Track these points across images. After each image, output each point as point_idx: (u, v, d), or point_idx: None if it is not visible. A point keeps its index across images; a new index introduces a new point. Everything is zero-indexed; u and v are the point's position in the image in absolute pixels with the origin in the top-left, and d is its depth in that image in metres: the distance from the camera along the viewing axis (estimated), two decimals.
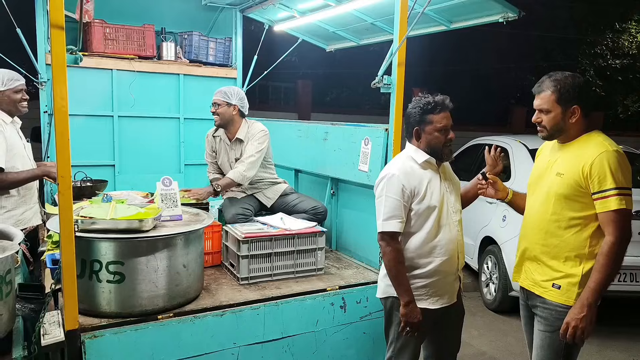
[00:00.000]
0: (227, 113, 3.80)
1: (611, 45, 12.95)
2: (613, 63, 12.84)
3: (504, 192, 2.66)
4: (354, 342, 3.06)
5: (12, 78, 3.44)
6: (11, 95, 3.44)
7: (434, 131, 2.49)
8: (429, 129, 2.50)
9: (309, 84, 12.30)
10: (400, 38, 3.07)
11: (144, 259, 2.53)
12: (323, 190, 3.99)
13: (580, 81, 2.28)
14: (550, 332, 2.29)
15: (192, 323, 2.63)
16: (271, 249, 3.13)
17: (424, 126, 2.51)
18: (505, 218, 4.63)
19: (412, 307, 2.45)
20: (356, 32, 4.88)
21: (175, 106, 5.24)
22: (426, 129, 2.51)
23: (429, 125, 2.50)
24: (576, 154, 2.26)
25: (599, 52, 13.05)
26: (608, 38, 12.92)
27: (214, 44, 5.39)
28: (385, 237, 2.47)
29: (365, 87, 15.21)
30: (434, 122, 2.49)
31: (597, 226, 2.22)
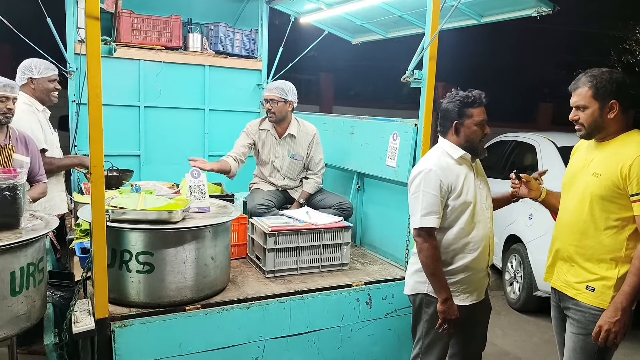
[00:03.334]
0: (283, 110, 3.80)
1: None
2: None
3: (537, 191, 2.61)
4: (379, 339, 3.05)
5: (48, 67, 3.48)
6: (45, 84, 3.49)
7: (472, 125, 2.49)
8: (468, 123, 2.49)
9: (331, 77, 12.26)
10: (433, 32, 3.02)
11: (172, 250, 2.55)
12: (348, 184, 3.97)
13: (618, 76, 2.23)
14: (584, 335, 2.25)
15: (219, 315, 2.65)
16: (297, 242, 3.13)
17: (463, 120, 2.50)
18: (531, 217, 4.57)
19: (450, 303, 2.44)
20: (383, 25, 4.82)
21: (201, 97, 5.25)
22: (465, 123, 2.50)
23: (469, 119, 2.49)
24: (614, 153, 2.21)
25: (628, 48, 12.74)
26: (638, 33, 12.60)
27: (239, 35, 5.38)
28: (422, 233, 2.44)
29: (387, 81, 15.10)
30: (474, 116, 2.48)
31: (635, 229, 2.16)
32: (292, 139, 3.87)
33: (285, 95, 3.77)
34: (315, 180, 3.87)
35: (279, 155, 3.88)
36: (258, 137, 3.90)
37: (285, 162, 3.88)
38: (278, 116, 3.78)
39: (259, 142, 3.91)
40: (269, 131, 3.89)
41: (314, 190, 3.86)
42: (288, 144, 3.87)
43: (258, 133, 3.90)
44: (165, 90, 5.03)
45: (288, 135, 3.86)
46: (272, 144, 3.88)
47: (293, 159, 3.87)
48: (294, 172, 3.91)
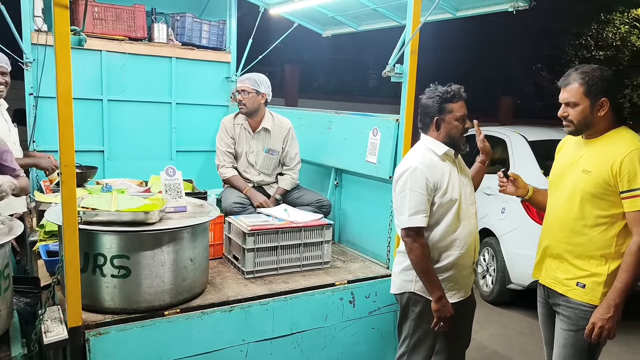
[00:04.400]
0: (255, 101, 3.69)
1: (596, 37, 13.04)
2: (597, 54, 12.95)
3: (524, 189, 2.61)
4: (362, 338, 3.00)
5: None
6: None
7: (453, 120, 2.46)
8: (448, 118, 2.47)
9: (297, 70, 12.13)
10: (414, 26, 2.98)
11: (150, 253, 2.42)
12: (326, 180, 3.90)
13: (608, 74, 2.23)
14: (574, 332, 2.26)
15: (200, 319, 2.54)
16: (277, 241, 3.04)
17: (444, 116, 2.47)
18: (504, 210, 4.62)
19: (444, 301, 2.42)
20: (356, 17, 4.75)
21: (167, 90, 5.05)
22: (446, 119, 2.47)
23: (449, 114, 2.46)
24: (604, 150, 2.21)
25: (584, 43, 13.14)
26: (593, 29, 13.01)
27: (207, 26, 5.21)
28: (411, 233, 2.40)
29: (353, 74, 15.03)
30: (454, 111, 2.46)
31: (624, 225, 2.18)
32: (266, 133, 3.76)
33: (258, 86, 3.67)
34: (291, 176, 3.78)
35: (254, 150, 3.77)
36: (233, 131, 3.78)
37: (260, 157, 3.77)
38: (249, 108, 3.67)
39: (235, 137, 3.79)
40: (242, 125, 3.77)
41: (290, 186, 3.77)
42: (262, 139, 3.77)
43: (233, 128, 3.78)
44: (130, 82, 4.81)
45: (262, 130, 3.75)
46: (246, 139, 3.77)
47: (268, 154, 3.77)
48: (269, 168, 3.81)
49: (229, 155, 3.78)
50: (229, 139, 3.77)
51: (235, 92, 3.80)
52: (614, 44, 13.07)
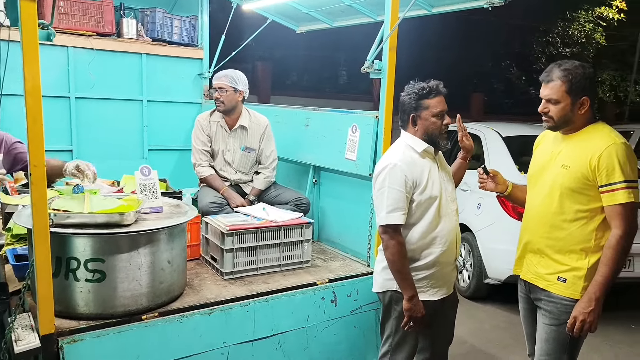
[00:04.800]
0: (233, 99, 3.61)
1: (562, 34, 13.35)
2: (563, 51, 13.26)
3: (503, 185, 2.62)
4: (345, 337, 2.97)
5: None
6: None
7: (430, 116, 2.43)
8: (425, 115, 2.44)
9: (269, 67, 12.04)
10: (393, 22, 2.96)
11: (126, 256, 2.34)
12: (304, 178, 3.86)
13: (590, 72, 2.24)
14: (556, 326, 2.27)
15: (179, 322, 2.47)
16: (257, 241, 2.98)
17: (420, 112, 2.45)
18: (480, 206, 4.66)
19: (415, 301, 2.39)
20: (330, 13, 4.72)
21: (138, 88, 4.91)
22: (422, 115, 2.44)
23: (425, 111, 2.43)
24: (582, 145, 2.23)
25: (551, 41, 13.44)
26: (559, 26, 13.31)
27: (178, 22, 5.09)
28: (388, 230, 2.38)
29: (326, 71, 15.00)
30: (430, 107, 2.43)
31: (603, 219, 2.20)
32: (243, 131, 3.69)
33: (235, 83, 3.60)
34: (266, 175, 3.71)
35: (230, 148, 3.69)
36: (209, 129, 3.69)
37: (236, 155, 3.70)
38: (227, 105, 3.60)
39: (211, 134, 3.70)
40: (218, 123, 3.69)
41: (265, 186, 3.71)
42: (239, 136, 3.70)
43: (209, 126, 3.69)
44: (99, 80, 4.66)
45: (239, 127, 3.68)
46: (223, 137, 3.69)
47: (245, 152, 3.70)
48: (246, 166, 3.74)
49: (205, 154, 3.69)
50: (205, 137, 3.69)
51: (212, 89, 3.71)
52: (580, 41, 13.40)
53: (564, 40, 13.50)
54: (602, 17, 13.28)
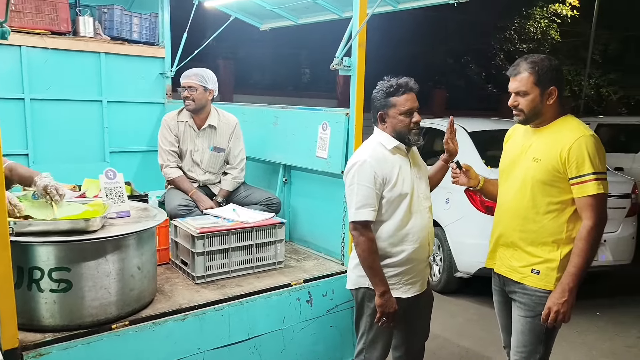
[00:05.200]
0: (203, 99, 3.52)
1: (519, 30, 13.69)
2: (520, 47, 13.60)
3: (475, 179, 2.63)
4: (321, 337, 2.94)
5: None
6: None
7: (397, 114, 2.41)
8: (392, 113, 2.42)
9: (231, 65, 11.88)
10: (361, 18, 2.95)
11: (93, 263, 2.24)
12: (274, 178, 3.80)
13: (555, 63, 2.28)
14: (532, 317, 2.30)
15: (151, 330, 2.38)
16: (228, 243, 2.91)
17: (387, 110, 2.43)
18: (448, 201, 4.70)
19: (387, 297, 2.38)
20: (295, 10, 4.67)
21: (97, 88, 4.72)
22: (390, 113, 2.43)
23: (393, 109, 2.42)
24: (552, 138, 2.26)
25: (508, 37, 13.77)
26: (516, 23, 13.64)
27: (138, 19, 4.92)
28: (358, 226, 2.36)
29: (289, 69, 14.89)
30: (398, 105, 2.41)
31: (574, 210, 2.23)
32: (212, 130, 3.60)
33: (205, 82, 3.51)
34: (234, 176, 3.63)
35: (199, 148, 3.60)
36: (177, 129, 3.59)
37: (205, 155, 3.61)
38: (197, 105, 3.50)
39: (179, 134, 3.60)
40: (186, 122, 3.59)
41: (233, 187, 3.63)
42: (208, 136, 3.60)
43: (177, 125, 3.58)
44: (55, 80, 4.46)
45: (208, 127, 3.59)
46: (191, 136, 3.59)
47: (214, 152, 3.61)
48: (215, 166, 3.65)
49: (173, 155, 3.59)
50: (172, 137, 3.58)
51: (179, 88, 3.60)
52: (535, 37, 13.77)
53: (520, 36, 13.85)
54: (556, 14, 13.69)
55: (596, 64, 14.62)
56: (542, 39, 13.63)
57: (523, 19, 13.57)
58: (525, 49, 13.52)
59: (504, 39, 13.81)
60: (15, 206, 2.28)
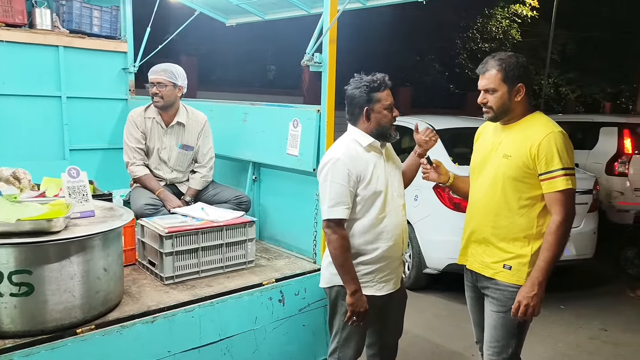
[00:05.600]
0: (172, 95, 3.42)
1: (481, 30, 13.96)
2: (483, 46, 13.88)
3: (446, 175, 2.64)
4: (294, 337, 2.91)
5: None
6: None
7: (382, 109, 2.42)
8: (378, 108, 2.42)
9: (194, 61, 11.68)
10: (332, 14, 2.92)
11: (57, 266, 2.14)
12: (243, 175, 3.73)
13: (523, 60, 2.31)
14: (504, 312, 2.32)
15: (118, 334, 2.30)
16: (198, 243, 2.84)
17: (373, 105, 2.42)
18: (417, 198, 4.73)
19: (358, 295, 2.37)
20: (262, 6, 4.59)
21: (56, 83, 4.54)
22: (375, 108, 2.42)
23: (378, 104, 2.41)
24: (522, 135, 2.29)
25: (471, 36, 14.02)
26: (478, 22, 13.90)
27: (98, 12, 4.75)
28: (331, 224, 2.34)
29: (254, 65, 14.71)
30: (382, 100, 2.41)
31: (543, 206, 2.27)
32: (181, 128, 3.51)
33: (175, 79, 3.41)
34: (202, 174, 3.55)
35: (166, 145, 3.49)
36: (144, 126, 3.47)
37: (173, 153, 3.51)
38: (166, 101, 3.40)
39: (145, 131, 3.49)
40: (154, 119, 3.48)
41: (202, 185, 3.54)
42: (176, 133, 3.51)
43: (144, 122, 3.47)
44: (10, 74, 4.27)
45: (176, 124, 3.49)
46: (159, 134, 3.49)
47: (183, 150, 3.52)
48: (183, 165, 3.56)
49: (139, 152, 3.47)
50: (138, 134, 3.46)
51: (147, 84, 3.48)
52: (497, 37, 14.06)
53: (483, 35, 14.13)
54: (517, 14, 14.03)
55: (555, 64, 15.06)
56: (504, 39, 13.96)
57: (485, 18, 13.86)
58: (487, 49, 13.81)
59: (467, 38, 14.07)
60: None
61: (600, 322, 4.42)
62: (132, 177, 3.49)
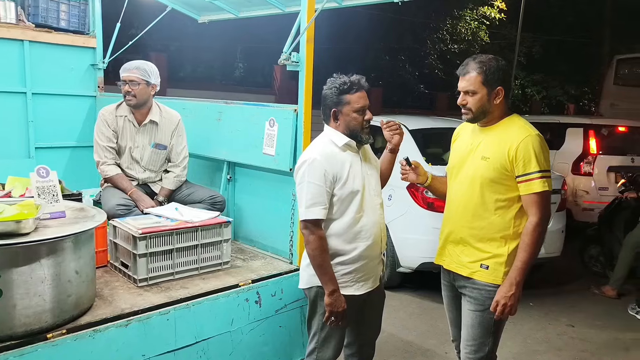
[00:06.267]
0: (145, 93, 3.34)
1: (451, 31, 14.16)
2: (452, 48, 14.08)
3: (424, 176, 2.66)
4: (270, 338, 2.88)
5: None
6: None
7: (351, 112, 2.40)
8: (346, 110, 2.40)
9: (163, 58, 11.46)
10: (309, 13, 2.92)
11: (26, 269, 2.07)
12: (217, 175, 3.68)
13: (503, 64, 2.34)
14: (481, 311, 2.35)
15: (91, 338, 2.24)
16: (172, 244, 2.79)
17: (341, 107, 2.41)
18: (391, 197, 4.76)
19: (336, 296, 2.36)
20: (236, 3, 4.54)
21: (20, 78, 4.38)
22: (343, 110, 2.41)
23: (347, 106, 2.40)
24: (500, 137, 2.32)
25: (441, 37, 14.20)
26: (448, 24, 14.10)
27: (65, 6, 4.62)
28: (308, 225, 2.33)
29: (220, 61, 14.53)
30: (351, 103, 2.39)
31: (520, 207, 2.31)
32: (154, 126, 3.43)
33: (148, 76, 3.33)
34: (176, 174, 3.49)
35: (139, 144, 3.41)
36: (116, 124, 3.38)
37: (146, 152, 3.43)
38: (139, 100, 3.32)
39: (117, 130, 3.40)
40: (126, 117, 3.39)
41: (175, 185, 3.48)
42: (149, 132, 3.43)
43: (115, 120, 3.38)
44: None
45: (149, 122, 3.41)
46: (131, 132, 3.40)
47: (156, 149, 3.44)
48: (156, 164, 3.48)
49: (110, 151, 3.38)
50: (110, 132, 3.37)
51: (119, 82, 3.40)
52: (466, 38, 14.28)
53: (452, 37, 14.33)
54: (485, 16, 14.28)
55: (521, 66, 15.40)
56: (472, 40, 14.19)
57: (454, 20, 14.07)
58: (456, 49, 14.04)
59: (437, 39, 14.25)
60: None
61: (567, 319, 4.53)
62: (103, 177, 3.40)
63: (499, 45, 15.01)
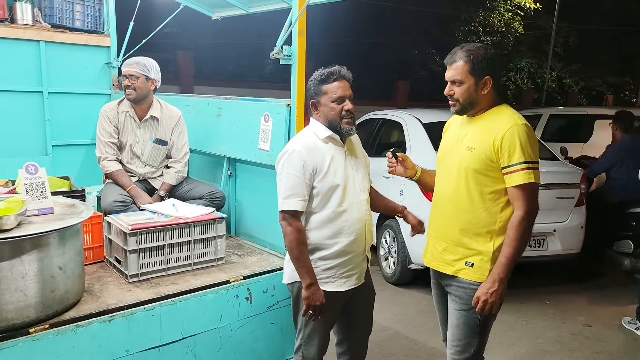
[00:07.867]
0: (145, 88, 3.37)
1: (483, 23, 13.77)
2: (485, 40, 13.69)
3: (412, 170, 2.58)
4: (261, 335, 2.85)
5: None
6: None
7: (329, 102, 2.35)
8: (324, 101, 2.36)
9: (190, 56, 11.61)
10: (300, 6, 2.84)
11: (6, 264, 2.10)
12: (218, 171, 3.67)
13: (491, 53, 2.24)
14: (466, 311, 2.26)
15: (74, 333, 2.26)
16: (164, 240, 2.79)
17: (319, 97, 2.37)
18: (402, 192, 4.65)
19: (314, 289, 2.32)
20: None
21: (37, 78, 4.49)
22: (321, 101, 2.37)
23: (324, 96, 2.36)
24: (486, 127, 2.22)
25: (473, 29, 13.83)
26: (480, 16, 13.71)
27: (80, 6, 4.70)
28: (286, 216, 2.31)
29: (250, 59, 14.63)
30: (329, 92, 2.35)
31: (507, 200, 2.20)
32: (154, 122, 3.46)
33: (147, 71, 3.36)
34: (177, 170, 3.50)
35: (140, 140, 3.45)
36: (117, 120, 3.43)
37: (147, 147, 3.46)
38: (138, 94, 3.35)
39: (118, 125, 3.44)
40: (127, 113, 3.43)
41: (176, 181, 3.49)
42: (150, 128, 3.46)
43: (117, 116, 3.43)
44: None
45: (150, 118, 3.45)
46: (132, 128, 3.44)
47: (156, 144, 3.47)
48: (156, 159, 3.51)
49: (111, 147, 3.42)
50: (111, 128, 3.42)
51: (120, 77, 3.45)
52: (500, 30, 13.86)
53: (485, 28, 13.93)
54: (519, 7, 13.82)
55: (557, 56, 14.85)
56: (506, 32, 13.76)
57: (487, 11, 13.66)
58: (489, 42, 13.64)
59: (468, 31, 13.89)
60: None
61: (584, 318, 4.33)
62: (104, 173, 3.45)
63: (534, 36, 14.53)
